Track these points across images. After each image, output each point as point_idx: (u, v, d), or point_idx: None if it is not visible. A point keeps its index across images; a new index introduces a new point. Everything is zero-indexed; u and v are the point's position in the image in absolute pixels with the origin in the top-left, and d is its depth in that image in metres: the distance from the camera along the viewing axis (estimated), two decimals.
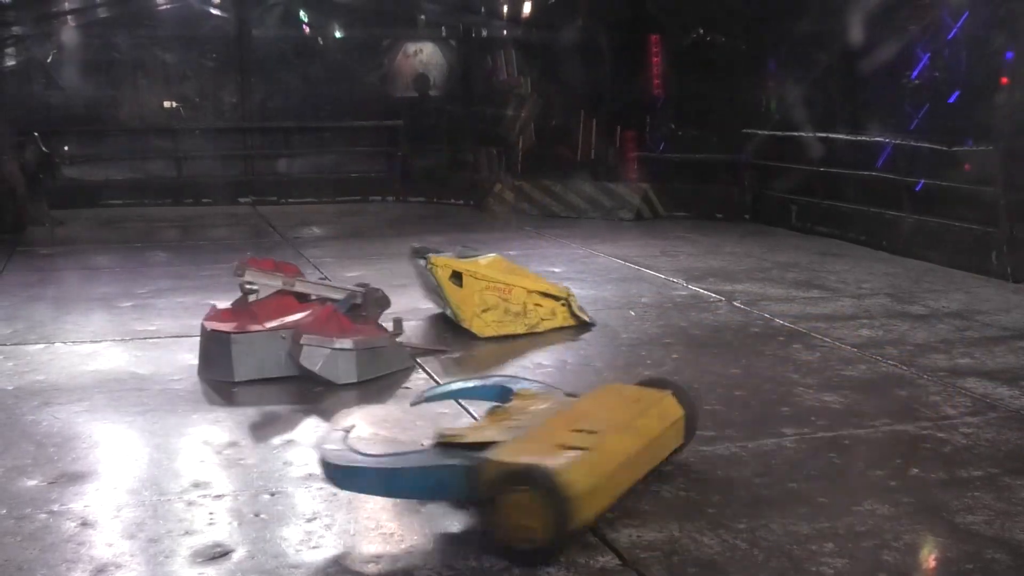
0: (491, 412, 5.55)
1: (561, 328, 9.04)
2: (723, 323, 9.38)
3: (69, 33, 20.05)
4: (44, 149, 15.51)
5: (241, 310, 7.89)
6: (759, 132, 16.02)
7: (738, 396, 7.21)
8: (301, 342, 7.22)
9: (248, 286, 7.93)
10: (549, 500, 4.41)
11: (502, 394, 5.94)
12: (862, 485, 5.61)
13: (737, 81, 16.29)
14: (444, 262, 8.88)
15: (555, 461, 4.57)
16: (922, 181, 12.99)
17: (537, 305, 8.96)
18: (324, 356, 7.24)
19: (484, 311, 8.74)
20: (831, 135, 14.52)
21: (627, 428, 5.24)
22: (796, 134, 15.15)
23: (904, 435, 6.41)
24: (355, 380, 7.33)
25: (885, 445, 6.28)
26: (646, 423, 5.40)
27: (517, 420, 5.31)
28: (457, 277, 8.79)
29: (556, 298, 9.11)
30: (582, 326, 9.11)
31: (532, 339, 8.80)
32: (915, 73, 14.17)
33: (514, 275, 9.14)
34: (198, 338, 7.98)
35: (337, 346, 7.27)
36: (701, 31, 17.98)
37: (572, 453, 4.72)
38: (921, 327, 9.19)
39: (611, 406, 5.60)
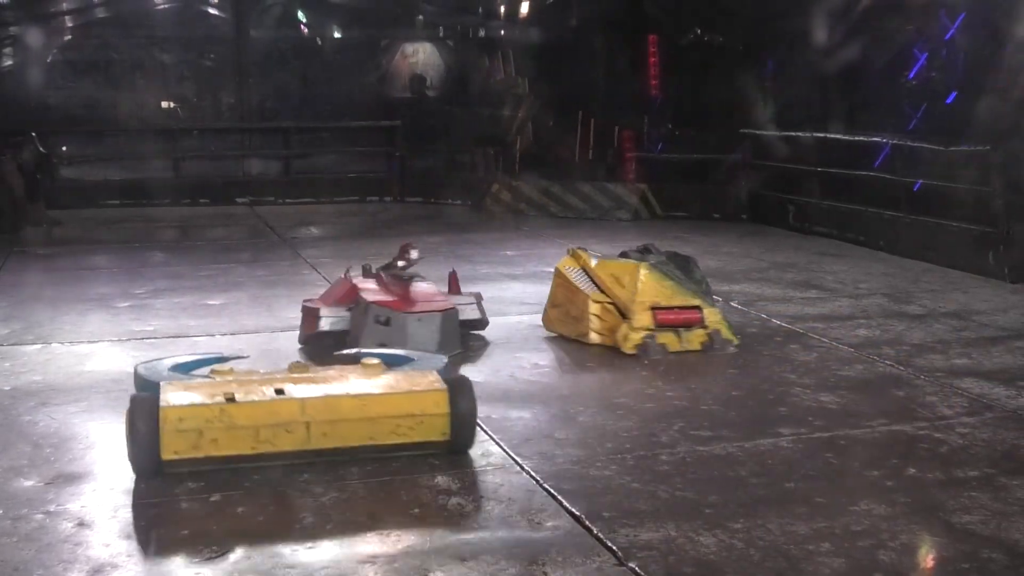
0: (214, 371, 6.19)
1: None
2: None
3: (67, 33, 20.08)
4: (42, 149, 15.49)
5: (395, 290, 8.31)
6: (757, 132, 16.03)
7: (735, 396, 7.22)
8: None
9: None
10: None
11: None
12: (859, 485, 5.61)
13: (735, 81, 16.29)
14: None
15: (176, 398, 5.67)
16: (920, 181, 13.00)
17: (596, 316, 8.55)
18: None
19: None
20: (829, 135, 14.53)
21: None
22: (794, 134, 15.16)
23: (901, 435, 6.41)
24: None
25: (882, 445, 6.28)
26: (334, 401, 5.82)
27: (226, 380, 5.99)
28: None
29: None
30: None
31: (534, 340, 8.79)
32: (912, 73, 14.20)
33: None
34: (196, 339, 7.99)
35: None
36: (699, 31, 18.00)
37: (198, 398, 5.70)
38: (918, 327, 9.19)
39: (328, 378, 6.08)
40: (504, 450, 6.06)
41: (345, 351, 7.20)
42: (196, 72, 20.85)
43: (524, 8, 20.43)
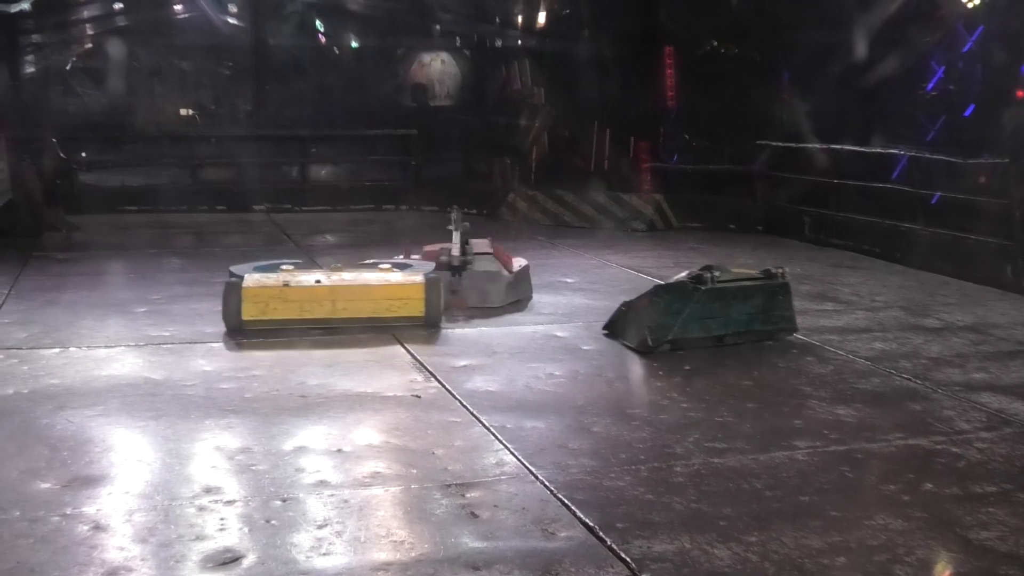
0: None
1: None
2: None
3: (87, 41, 20.20)
4: (61, 155, 15.56)
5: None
6: (772, 143, 16.01)
7: (750, 408, 7.20)
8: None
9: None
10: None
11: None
12: (875, 499, 5.59)
13: (750, 93, 16.29)
14: None
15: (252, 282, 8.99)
16: (937, 194, 12.96)
17: None
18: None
19: None
20: (845, 147, 14.50)
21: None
22: (810, 146, 15.14)
23: (918, 449, 6.39)
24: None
25: (898, 459, 6.26)
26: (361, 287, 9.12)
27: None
28: None
29: None
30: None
31: (549, 350, 8.80)
32: (930, 85, 14.17)
33: None
34: (212, 344, 8.03)
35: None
36: (714, 43, 18.00)
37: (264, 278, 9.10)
38: (935, 341, 9.16)
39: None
40: (518, 459, 6.06)
41: (368, 260, 10.07)
42: (214, 80, 20.93)
43: (541, 19, 20.46)
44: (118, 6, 19.86)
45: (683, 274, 8.91)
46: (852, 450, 6.35)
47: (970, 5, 14.16)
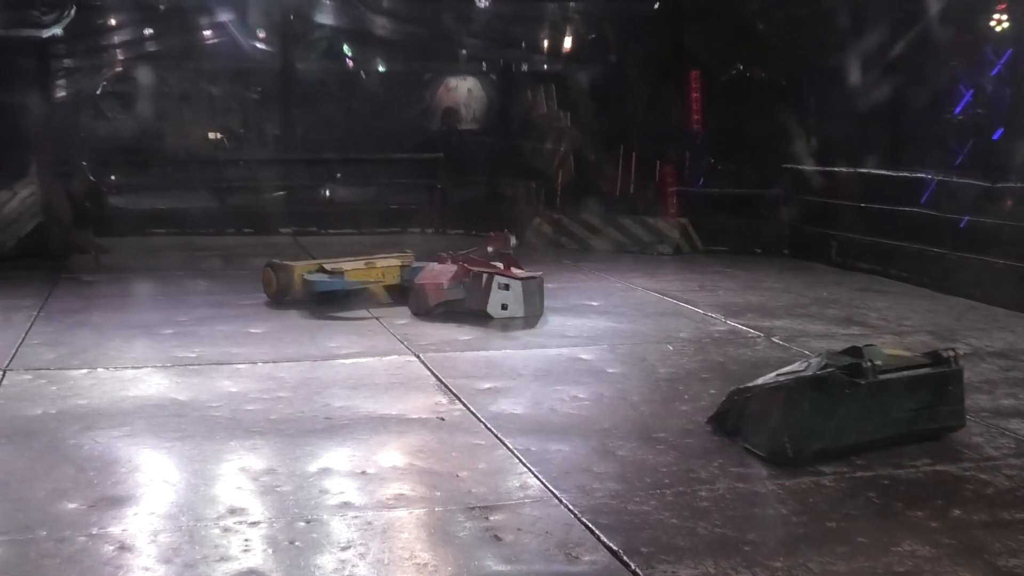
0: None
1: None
2: (762, 359, 9.31)
3: (118, 66, 20.40)
4: (91, 178, 15.70)
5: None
6: (799, 167, 15.97)
7: None
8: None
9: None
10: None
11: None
12: (902, 525, 5.54)
13: (776, 116, 16.26)
14: None
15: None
16: (966, 218, 12.88)
17: None
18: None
19: None
20: (872, 170, 14.44)
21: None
22: (836, 169, 15.10)
23: (946, 476, 6.33)
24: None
25: (926, 485, 6.20)
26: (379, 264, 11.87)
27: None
28: None
29: None
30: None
31: (574, 373, 8.79)
32: (958, 109, 14.11)
33: None
34: (238, 365, 8.10)
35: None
36: (740, 67, 18.00)
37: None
38: (964, 366, 9.05)
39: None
40: (542, 483, 6.04)
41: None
42: (242, 104, 21.09)
43: (567, 43, 20.52)
44: (148, 31, 20.05)
45: (818, 357, 6.92)
46: (879, 476, 6.29)
47: (998, 28, 14.12)
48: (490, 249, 12.05)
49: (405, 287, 11.56)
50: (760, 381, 6.96)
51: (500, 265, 11.28)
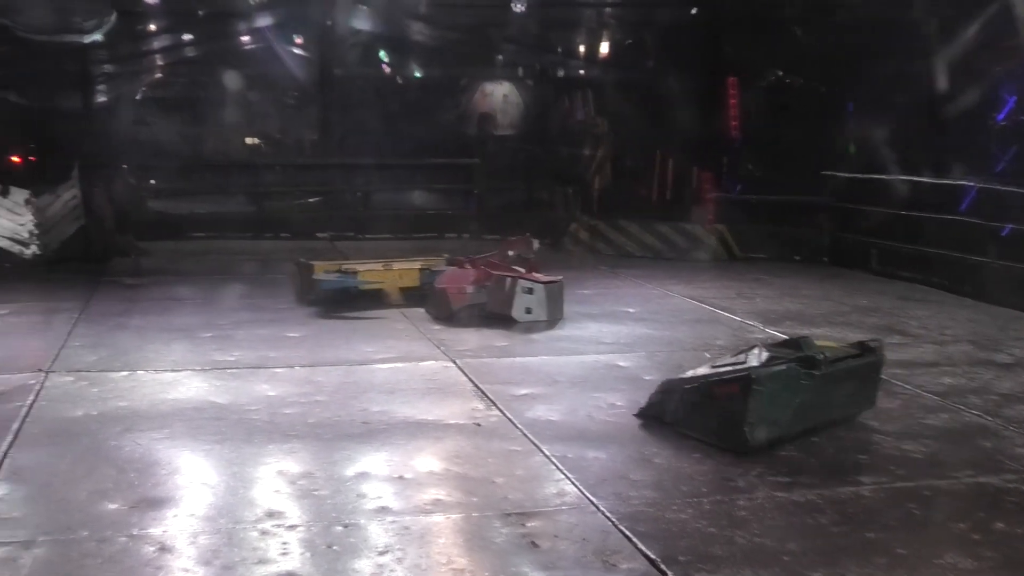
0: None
1: None
2: None
3: (158, 71, 20.63)
4: (132, 182, 15.82)
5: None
6: (838, 174, 15.86)
7: (815, 442, 7.09)
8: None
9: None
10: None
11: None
12: (943, 537, 5.48)
13: (816, 123, 16.16)
14: None
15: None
16: (1009, 226, 12.73)
17: None
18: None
19: None
20: (913, 178, 14.31)
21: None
22: (877, 176, 14.96)
23: (988, 488, 6.25)
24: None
25: (968, 497, 6.13)
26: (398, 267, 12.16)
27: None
28: None
29: None
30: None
31: (611, 380, 8.76)
32: (1001, 115, 13.94)
33: None
34: (276, 369, 8.15)
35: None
36: (779, 73, 17.91)
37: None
38: (1007, 376, 8.97)
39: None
40: (579, 490, 6.03)
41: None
42: (280, 109, 21.25)
43: (604, 49, 20.51)
44: (187, 37, 20.25)
45: (755, 351, 7.20)
46: (920, 487, 6.22)
47: None
48: (510, 253, 12.12)
49: (426, 290, 11.59)
50: (696, 373, 7.34)
51: (521, 269, 11.39)
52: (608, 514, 5.65)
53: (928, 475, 6.42)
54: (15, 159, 15.09)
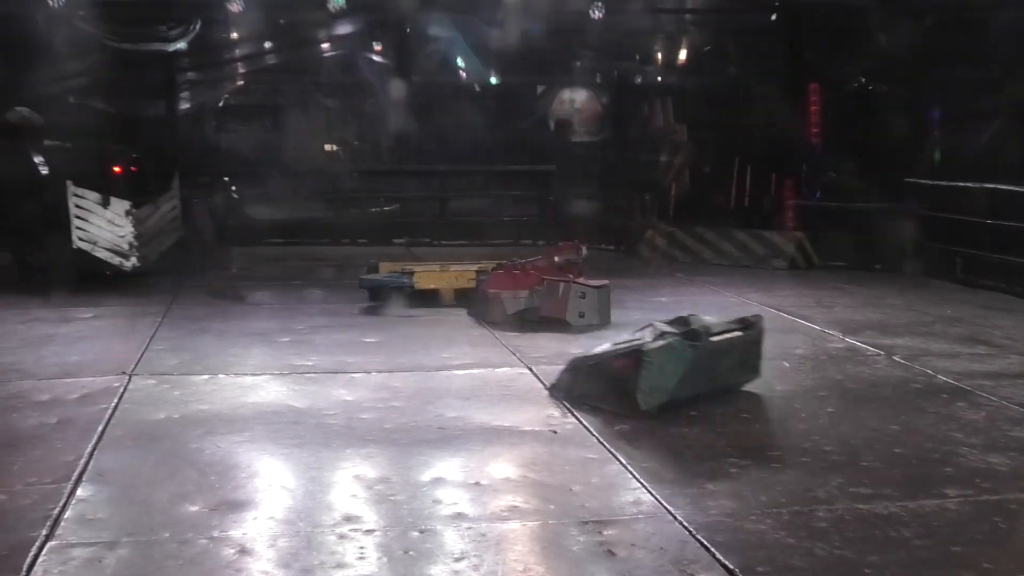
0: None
1: None
2: (882, 378, 9.08)
3: (238, 79, 20.97)
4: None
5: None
6: (922, 181, 15.54)
7: (898, 454, 6.95)
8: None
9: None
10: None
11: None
12: None
13: (898, 129, 15.87)
14: None
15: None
16: None
17: None
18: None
19: None
20: (999, 186, 13.97)
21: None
22: (962, 184, 14.63)
23: None
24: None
25: None
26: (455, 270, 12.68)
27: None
28: None
29: None
30: None
31: None
32: None
33: None
34: (353, 374, 8.25)
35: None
36: (862, 79, 17.63)
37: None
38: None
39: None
40: (656, 498, 5.98)
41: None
42: (358, 116, 21.47)
43: (682, 55, 20.38)
44: (268, 45, 20.54)
45: (649, 328, 8.02)
46: (1006, 500, 6.07)
47: None
48: (557, 259, 12.17)
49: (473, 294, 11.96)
50: (600, 350, 8.29)
51: (570, 275, 11.54)
52: (685, 523, 5.60)
53: (1014, 488, 6.26)
54: (116, 169, 15.06)
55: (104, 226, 13.73)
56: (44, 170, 13.80)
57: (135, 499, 5.94)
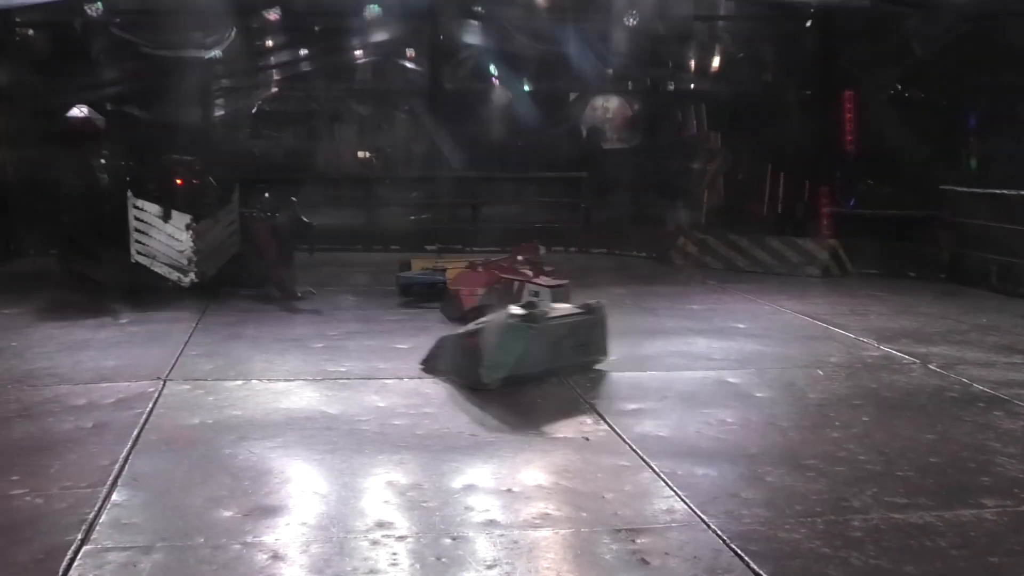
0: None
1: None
2: (917, 386, 9.00)
3: (273, 85, 21.11)
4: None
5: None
6: (957, 189, 15.40)
7: (933, 463, 6.89)
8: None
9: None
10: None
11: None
12: None
13: (934, 137, 15.73)
14: None
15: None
16: None
17: None
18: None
19: None
20: None
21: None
22: (999, 192, 14.48)
23: None
24: None
25: None
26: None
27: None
28: None
29: None
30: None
31: (721, 396, 8.65)
32: None
33: None
34: (385, 380, 8.26)
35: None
36: (897, 87, 17.50)
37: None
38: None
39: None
40: (690, 507, 5.95)
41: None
42: (391, 123, 21.55)
43: (715, 63, 20.31)
44: (302, 52, 20.65)
45: (509, 311, 8.99)
46: None
47: None
48: (519, 257, 12.68)
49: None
50: (463, 330, 9.28)
51: (529, 273, 11.83)
52: (719, 532, 5.57)
53: None
54: (178, 181, 14.58)
55: (164, 240, 13.41)
56: (103, 178, 13.51)
57: (169, 504, 5.97)
